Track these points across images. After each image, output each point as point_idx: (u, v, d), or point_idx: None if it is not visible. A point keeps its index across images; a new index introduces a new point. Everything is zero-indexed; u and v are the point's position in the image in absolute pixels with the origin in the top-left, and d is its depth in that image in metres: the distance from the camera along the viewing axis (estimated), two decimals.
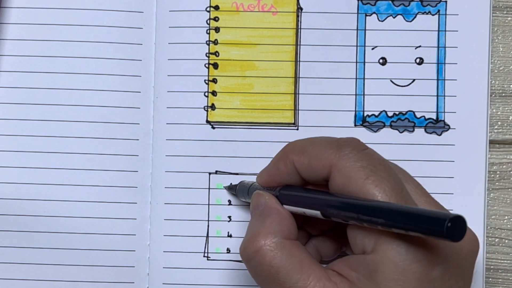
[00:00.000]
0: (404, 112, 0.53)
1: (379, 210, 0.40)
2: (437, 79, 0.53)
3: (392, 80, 0.53)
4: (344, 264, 0.42)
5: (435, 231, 0.36)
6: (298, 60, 0.53)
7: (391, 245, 0.40)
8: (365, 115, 0.53)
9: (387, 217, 0.39)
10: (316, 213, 0.43)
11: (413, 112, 0.53)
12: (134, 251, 0.53)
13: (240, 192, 0.51)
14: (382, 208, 0.40)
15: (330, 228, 0.48)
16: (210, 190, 0.53)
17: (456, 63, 0.53)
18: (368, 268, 0.40)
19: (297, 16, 0.53)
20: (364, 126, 0.53)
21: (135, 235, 0.53)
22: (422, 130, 0.53)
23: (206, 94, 0.53)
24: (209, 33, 0.53)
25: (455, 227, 0.36)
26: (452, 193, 0.52)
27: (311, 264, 0.42)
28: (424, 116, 0.53)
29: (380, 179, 0.41)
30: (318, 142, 0.45)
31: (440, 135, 0.53)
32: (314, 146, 0.44)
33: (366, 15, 0.53)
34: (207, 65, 0.53)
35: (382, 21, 0.53)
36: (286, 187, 0.46)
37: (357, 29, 0.53)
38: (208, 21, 0.53)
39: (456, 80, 0.53)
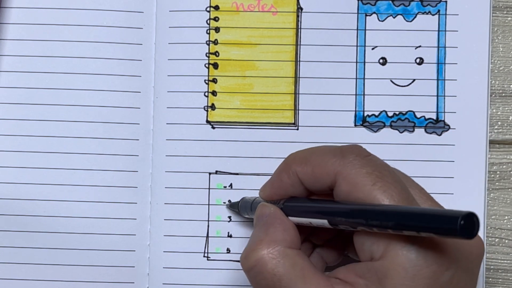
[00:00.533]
0: (404, 112, 0.53)
1: (389, 214, 0.39)
2: (437, 79, 0.53)
3: (392, 80, 0.53)
4: (350, 271, 0.42)
5: (448, 229, 0.36)
6: (298, 60, 0.53)
7: (401, 251, 0.40)
8: (365, 115, 0.53)
9: (398, 219, 0.39)
10: (323, 222, 0.43)
11: (413, 112, 0.53)
12: (134, 251, 0.53)
13: (242, 208, 0.51)
14: (392, 211, 0.39)
15: (333, 235, 0.48)
16: (210, 190, 0.53)
17: (456, 63, 0.53)
18: (376, 275, 0.40)
19: (297, 16, 0.53)
20: (364, 126, 0.53)
21: (135, 235, 0.53)
22: (422, 130, 0.53)
23: (206, 94, 0.53)
24: (209, 33, 0.53)
25: (468, 224, 0.35)
26: (452, 193, 0.52)
27: (314, 273, 0.42)
28: (424, 116, 0.53)
29: (387, 184, 0.41)
30: (320, 151, 0.45)
31: (440, 135, 0.53)
32: (317, 155, 0.44)
33: (366, 15, 0.53)
34: (207, 65, 0.53)
35: (382, 21, 0.53)
36: (290, 199, 0.46)
37: (357, 29, 0.53)
38: (208, 21, 0.53)
39: (456, 80, 0.53)
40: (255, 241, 0.44)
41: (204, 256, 0.53)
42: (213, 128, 0.53)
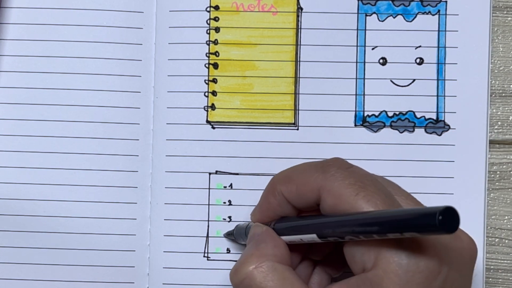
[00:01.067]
0: (404, 112, 0.53)
1: (372, 219, 0.40)
2: (437, 79, 0.53)
3: (392, 80, 0.53)
4: (343, 287, 0.41)
5: (428, 225, 0.36)
6: (298, 60, 0.53)
7: (392, 258, 0.40)
8: (365, 115, 0.53)
9: (380, 223, 0.39)
10: (313, 236, 0.43)
11: (413, 112, 0.53)
12: (134, 251, 0.53)
13: (237, 235, 0.51)
14: (374, 217, 0.40)
15: (332, 249, 0.48)
16: (210, 190, 0.53)
17: (456, 63, 0.53)
18: (371, 285, 0.40)
19: (297, 16, 0.53)
20: (364, 126, 0.53)
21: (135, 235, 0.53)
22: (422, 130, 0.53)
23: (206, 94, 0.53)
24: (209, 33, 0.53)
25: (447, 218, 0.36)
26: (452, 193, 0.52)
27: None
28: (424, 116, 0.53)
29: (370, 193, 0.41)
30: (302, 168, 0.45)
31: (440, 135, 0.53)
32: (299, 173, 0.45)
33: (366, 15, 0.53)
34: (207, 65, 0.53)
35: (382, 21, 0.53)
36: (280, 219, 0.47)
37: (357, 29, 0.53)
38: (208, 21, 0.53)
39: (456, 80, 0.53)
40: (245, 256, 0.44)
41: (204, 256, 0.53)
42: (213, 128, 0.53)
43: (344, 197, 0.42)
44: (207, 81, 0.53)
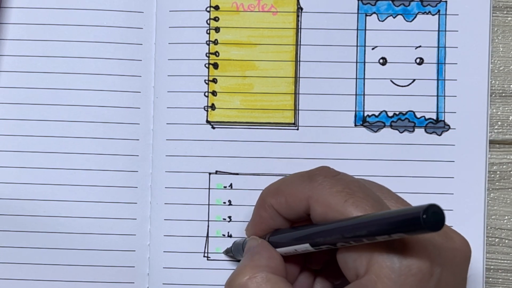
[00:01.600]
0: (404, 112, 0.53)
1: (360, 224, 0.40)
2: (437, 79, 0.53)
3: (392, 80, 0.53)
4: None
5: (413, 225, 0.36)
6: (298, 60, 0.53)
7: (384, 263, 0.40)
8: (365, 115, 0.53)
9: (368, 226, 0.39)
10: (306, 246, 0.43)
11: (413, 112, 0.53)
12: (134, 251, 0.53)
13: (235, 251, 0.51)
14: (362, 221, 0.40)
15: (330, 257, 0.48)
16: (210, 190, 0.53)
17: (456, 63, 0.53)
18: None
19: (297, 16, 0.53)
20: (364, 126, 0.53)
21: (135, 235, 0.53)
22: (422, 130, 0.53)
23: (206, 94, 0.53)
24: (209, 33, 0.53)
25: (432, 216, 0.36)
26: (452, 193, 0.52)
27: None
28: (424, 116, 0.53)
29: (359, 199, 0.41)
30: (290, 180, 0.45)
31: (440, 135, 0.53)
32: (287, 184, 0.45)
33: (366, 15, 0.53)
34: (207, 65, 0.53)
35: (382, 21, 0.53)
36: (274, 232, 0.47)
37: (357, 29, 0.53)
38: (208, 21, 0.53)
39: (456, 80, 0.53)
40: (239, 267, 0.45)
41: (204, 256, 0.53)
42: (213, 128, 0.53)
43: (333, 205, 0.42)
44: (207, 81, 0.53)
